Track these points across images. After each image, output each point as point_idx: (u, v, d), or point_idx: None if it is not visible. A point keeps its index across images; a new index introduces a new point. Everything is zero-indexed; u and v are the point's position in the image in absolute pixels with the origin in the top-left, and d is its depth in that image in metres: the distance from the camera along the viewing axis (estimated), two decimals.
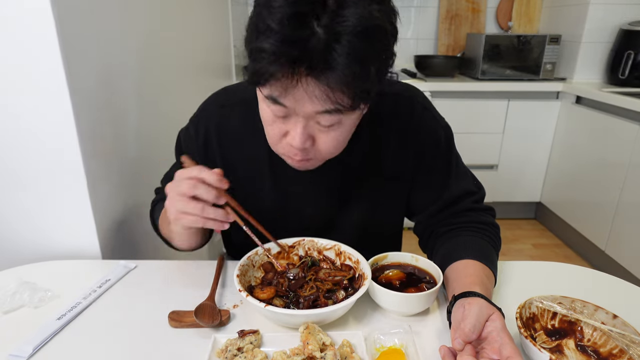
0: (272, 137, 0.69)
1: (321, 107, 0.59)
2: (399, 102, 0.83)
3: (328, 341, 0.63)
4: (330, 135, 0.66)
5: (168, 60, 1.38)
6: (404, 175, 0.86)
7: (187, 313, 0.71)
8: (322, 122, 0.63)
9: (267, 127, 0.68)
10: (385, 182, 0.86)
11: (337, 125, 0.65)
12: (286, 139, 0.66)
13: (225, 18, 2.27)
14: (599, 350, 0.63)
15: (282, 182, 0.84)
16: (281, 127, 0.66)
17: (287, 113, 0.63)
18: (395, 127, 0.83)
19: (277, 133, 0.67)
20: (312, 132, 0.65)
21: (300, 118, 0.62)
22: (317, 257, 0.82)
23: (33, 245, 0.92)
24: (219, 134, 0.83)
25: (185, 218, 0.66)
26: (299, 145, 0.64)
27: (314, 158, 0.70)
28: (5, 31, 0.76)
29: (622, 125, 2.15)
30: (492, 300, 0.65)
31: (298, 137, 0.64)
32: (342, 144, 0.70)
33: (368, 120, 0.78)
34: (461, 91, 2.61)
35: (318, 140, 0.66)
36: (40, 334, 0.66)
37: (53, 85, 0.80)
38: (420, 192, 0.88)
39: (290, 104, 0.60)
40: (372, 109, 0.77)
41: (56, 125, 0.82)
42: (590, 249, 2.44)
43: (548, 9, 2.97)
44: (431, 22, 3.11)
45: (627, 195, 2.13)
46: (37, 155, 0.85)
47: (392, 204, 0.90)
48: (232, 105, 0.84)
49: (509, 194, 2.86)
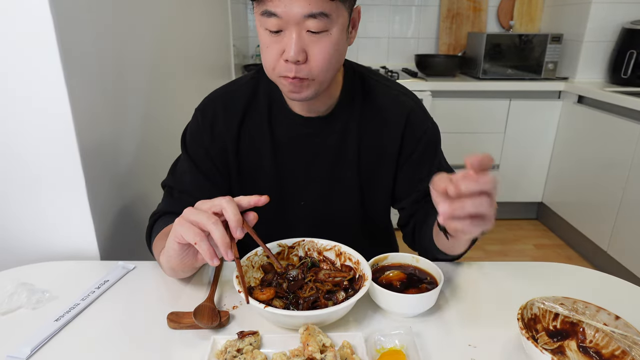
0: (270, 60, 0.75)
1: (307, 9, 0.68)
2: (390, 97, 0.91)
3: (328, 342, 0.62)
4: (320, 45, 0.73)
5: (168, 60, 1.38)
6: (389, 160, 0.92)
7: (186, 314, 0.70)
8: (312, 29, 0.70)
9: (265, 52, 0.75)
10: (375, 164, 0.92)
11: (325, 35, 0.72)
12: (282, 57, 0.73)
13: (225, 17, 2.27)
14: (601, 351, 0.62)
15: (282, 159, 0.90)
16: (277, 47, 0.73)
17: (280, 25, 0.70)
18: (386, 114, 0.90)
19: (275, 54, 0.74)
20: (305, 44, 0.72)
21: (292, 28, 0.70)
22: (317, 257, 0.82)
23: (31, 246, 0.92)
24: (225, 112, 0.89)
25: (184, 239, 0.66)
26: (293, 54, 0.71)
27: (308, 78, 0.75)
28: (3, 32, 0.76)
29: (624, 125, 2.14)
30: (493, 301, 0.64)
31: (292, 45, 0.71)
32: (333, 61, 0.76)
33: (360, 114, 0.89)
34: (462, 91, 2.60)
35: (310, 54, 0.73)
36: (38, 336, 0.66)
37: (51, 86, 0.79)
38: (404, 180, 0.93)
39: (281, 10, 0.69)
40: (365, 103, 0.90)
41: (55, 125, 0.82)
42: (593, 250, 2.43)
43: (550, 7, 2.96)
44: (432, 21, 3.11)
45: (629, 196, 2.12)
46: (35, 156, 0.84)
47: (381, 192, 0.95)
48: (235, 91, 0.91)
49: (511, 194, 2.85)
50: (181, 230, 0.65)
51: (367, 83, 0.91)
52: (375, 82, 0.92)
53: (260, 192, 0.87)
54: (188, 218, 0.65)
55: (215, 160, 0.90)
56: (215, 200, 0.66)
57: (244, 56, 2.89)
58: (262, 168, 0.91)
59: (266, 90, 0.89)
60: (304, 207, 0.94)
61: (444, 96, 2.57)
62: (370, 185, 0.94)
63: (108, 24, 0.97)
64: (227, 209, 0.64)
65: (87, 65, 0.88)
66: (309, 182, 0.92)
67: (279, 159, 0.90)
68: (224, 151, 0.90)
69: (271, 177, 0.91)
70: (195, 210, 0.66)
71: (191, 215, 0.65)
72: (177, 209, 0.83)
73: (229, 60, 2.38)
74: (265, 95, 0.89)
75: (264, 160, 0.90)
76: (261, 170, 0.91)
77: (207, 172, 0.89)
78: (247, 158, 0.91)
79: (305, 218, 0.94)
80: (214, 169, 0.90)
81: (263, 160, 0.90)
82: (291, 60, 0.72)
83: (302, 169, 0.91)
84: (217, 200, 0.65)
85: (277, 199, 0.92)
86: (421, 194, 0.91)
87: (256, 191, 0.88)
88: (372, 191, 0.94)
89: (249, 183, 0.92)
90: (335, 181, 0.92)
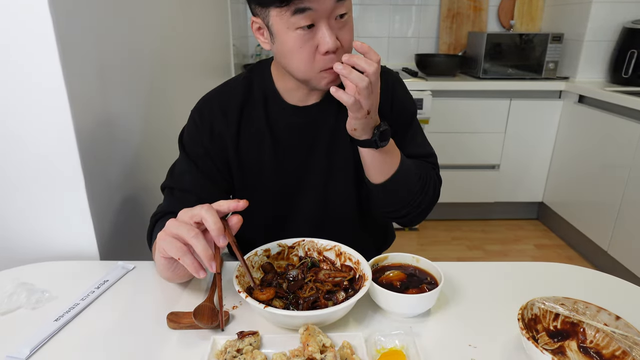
0: (305, 60, 0.77)
1: None
2: None
3: (328, 343, 0.62)
4: (346, 29, 0.77)
5: (167, 60, 1.37)
6: None
7: (185, 314, 0.70)
8: (341, 12, 0.75)
9: (297, 54, 0.76)
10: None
11: (347, 18, 0.77)
12: (319, 51, 0.76)
13: (225, 17, 2.27)
14: (602, 351, 0.62)
15: (281, 150, 0.91)
16: (310, 43, 0.75)
17: (313, 19, 0.73)
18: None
19: (309, 52, 0.76)
20: (335, 32, 0.75)
21: (324, 20, 0.73)
22: (317, 258, 0.81)
23: (30, 246, 0.91)
24: (222, 111, 0.90)
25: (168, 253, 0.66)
26: (332, 43, 0.74)
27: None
28: (2, 30, 0.76)
29: (625, 125, 2.14)
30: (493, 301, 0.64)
31: (328, 36, 0.74)
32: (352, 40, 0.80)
33: None
34: (462, 90, 2.60)
35: (341, 39, 0.77)
36: (38, 336, 0.66)
37: (51, 86, 0.79)
38: None
39: (315, 4, 0.71)
40: None
41: (54, 125, 0.82)
42: (593, 250, 2.43)
43: (550, 7, 2.95)
44: (432, 21, 3.10)
45: (630, 196, 2.11)
46: (35, 156, 0.84)
47: None
48: (229, 91, 0.92)
49: (511, 194, 2.85)
50: (164, 245, 0.65)
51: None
52: None
53: (262, 185, 0.93)
54: (170, 232, 0.65)
55: (215, 159, 0.90)
56: (195, 209, 0.65)
57: (243, 56, 2.89)
58: (262, 162, 0.92)
59: (260, 86, 0.91)
60: (305, 195, 0.95)
61: (444, 96, 2.57)
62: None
63: (109, 24, 0.97)
64: (207, 218, 0.64)
65: (87, 65, 0.87)
66: (310, 170, 0.93)
67: (279, 151, 0.91)
68: (223, 149, 0.90)
69: (272, 170, 0.92)
70: (177, 223, 0.65)
71: (173, 228, 0.65)
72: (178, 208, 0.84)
73: (229, 59, 2.38)
74: (260, 91, 0.90)
75: (265, 154, 0.91)
76: (262, 164, 0.92)
77: (206, 171, 0.90)
78: (248, 153, 0.91)
79: (305, 206, 0.96)
80: (213, 167, 0.90)
81: (264, 154, 0.91)
82: (332, 50, 0.75)
83: (302, 158, 0.92)
84: (196, 210, 0.65)
85: (279, 190, 0.94)
86: None
87: (258, 185, 0.93)
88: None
89: (250, 178, 0.93)
90: (333, 164, 0.93)
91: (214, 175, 0.91)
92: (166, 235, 0.66)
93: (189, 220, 0.65)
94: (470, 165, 2.74)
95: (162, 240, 0.66)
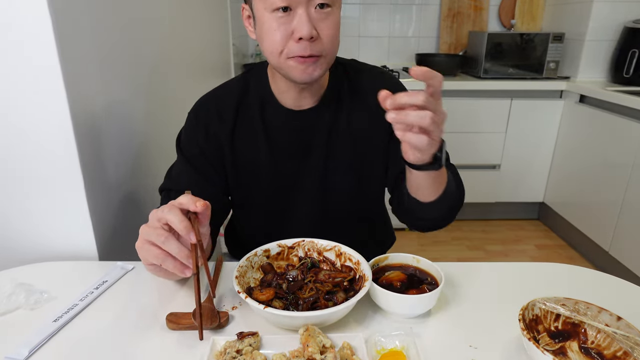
0: (278, 42, 0.75)
1: None
2: (374, 76, 0.95)
3: (328, 343, 0.62)
4: (328, 22, 0.76)
5: (167, 59, 1.37)
6: (380, 141, 0.92)
7: (185, 315, 0.70)
8: (317, 1, 0.73)
9: (271, 35, 0.75)
10: (367, 148, 0.93)
11: (331, 12, 0.76)
12: (292, 38, 0.74)
13: (224, 16, 2.27)
14: (603, 352, 0.62)
15: (277, 153, 0.91)
16: (285, 28, 0.74)
17: (289, 1, 0.72)
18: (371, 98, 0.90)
19: (283, 35, 0.74)
20: (314, 21, 0.74)
21: (302, 6, 0.73)
22: (316, 258, 0.81)
23: (29, 246, 0.91)
24: (218, 112, 0.90)
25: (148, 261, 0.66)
26: (307, 30, 0.72)
27: (321, 55, 0.77)
28: (2, 32, 0.75)
29: (626, 125, 2.13)
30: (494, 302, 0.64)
31: (305, 23, 0.72)
32: (338, 39, 0.80)
33: (347, 101, 0.91)
34: (463, 90, 2.59)
35: (320, 30, 0.75)
36: (37, 336, 0.66)
37: (50, 87, 0.79)
38: (392, 158, 0.93)
39: None
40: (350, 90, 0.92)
41: (53, 126, 0.82)
42: (594, 250, 2.43)
43: (551, 6, 2.95)
44: (433, 20, 3.10)
45: (631, 196, 2.11)
46: (34, 156, 0.84)
47: (374, 176, 0.96)
48: (225, 93, 0.92)
49: (512, 194, 2.84)
50: (143, 254, 0.65)
51: (351, 70, 0.94)
52: (357, 68, 0.95)
53: (259, 187, 0.93)
54: (144, 239, 0.64)
55: (210, 159, 0.90)
56: (158, 212, 0.65)
57: (243, 55, 2.88)
58: (259, 163, 0.91)
59: (257, 87, 0.90)
60: (302, 197, 0.95)
61: (445, 95, 2.54)
62: (364, 170, 0.94)
63: (108, 23, 0.97)
64: (171, 219, 0.63)
65: (87, 66, 0.87)
66: (305, 173, 0.93)
67: (275, 152, 0.91)
68: (219, 149, 0.90)
69: (268, 171, 0.92)
70: (147, 229, 0.65)
71: (145, 235, 0.64)
72: None
73: (229, 59, 2.38)
74: (256, 92, 0.90)
75: (261, 156, 0.91)
76: (258, 165, 0.92)
77: (202, 171, 0.90)
78: (243, 154, 0.91)
79: (303, 207, 0.95)
80: (210, 167, 0.90)
81: (259, 155, 0.91)
82: (305, 37, 0.73)
83: (297, 160, 0.92)
84: (159, 212, 0.64)
85: (275, 191, 0.94)
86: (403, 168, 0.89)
87: (253, 185, 0.93)
88: (365, 176, 0.95)
89: (246, 179, 0.93)
90: (330, 168, 0.93)
91: (210, 174, 0.91)
92: (142, 243, 0.65)
93: (157, 224, 0.64)
94: (470, 165, 2.74)
95: (140, 249, 0.65)
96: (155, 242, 0.63)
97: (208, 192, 0.88)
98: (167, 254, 0.63)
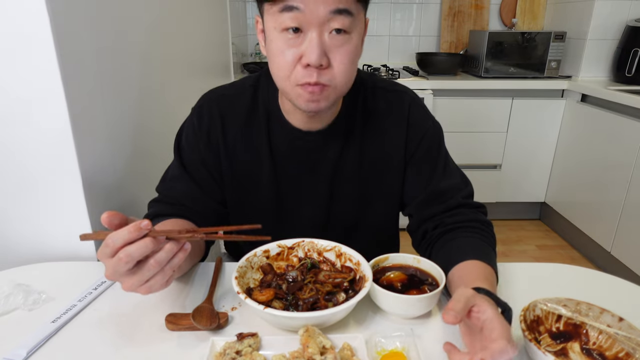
0: (285, 66, 0.69)
1: (334, 5, 0.64)
2: (390, 96, 0.89)
3: (328, 344, 0.61)
4: (342, 50, 0.69)
5: (166, 59, 1.37)
6: (395, 168, 0.89)
7: (184, 316, 0.70)
8: (337, 26, 0.66)
9: (279, 57, 0.69)
10: (378, 175, 0.89)
11: (348, 39, 0.69)
12: (300, 63, 0.68)
13: (224, 15, 2.27)
14: (605, 353, 0.61)
15: (280, 172, 0.87)
16: (294, 51, 0.68)
17: (300, 22, 0.66)
18: (386, 121, 0.88)
19: (291, 59, 0.68)
20: (327, 48, 0.68)
21: (314, 28, 0.66)
22: (317, 258, 0.81)
23: (27, 247, 0.91)
24: (222, 118, 0.86)
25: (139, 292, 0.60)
26: (316, 58, 0.66)
27: (330, 85, 0.70)
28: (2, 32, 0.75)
29: (628, 124, 2.12)
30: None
31: (314, 48, 0.66)
32: (353, 69, 0.72)
33: (360, 126, 0.87)
34: (464, 89, 2.59)
35: (332, 59, 0.69)
36: (35, 337, 0.65)
37: (49, 86, 0.79)
38: (410, 182, 0.90)
39: (305, 5, 0.64)
40: (365, 114, 0.87)
41: (52, 126, 0.82)
42: (596, 250, 2.42)
43: (553, 5, 2.94)
44: (433, 19, 3.10)
45: (633, 196, 2.10)
46: (32, 156, 0.84)
47: (385, 198, 0.92)
48: (232, 96, 0.88)
49: (513, 194, 2.84)
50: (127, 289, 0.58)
51: (366, 91, 0.88)
52: (373, 88, 0.89)
53: (259, 202, 0.89)
54: (116, 272, 0.56)
55: (209, 168, 0.87)
56: (109, 242, 0.56)
57: (242, 54, 2.88)
58: (260, 180, 0.88)
59: (264, 101, 0.86)
60: (303, 218, 0.92)
61: (446, 95, 2.56)
62: (373, 197, 0.91)
63: (108, 22, 0.96)
64: (129, 252, 0.55)
65: (86, 65, 0.87)
66: (308, 194, 0.90)
67: (278, 170, 0.87)
68: (219, 159, 0.87)
69: (270, 189, 0.89)
70: (111, 264, 0.56)
71: (113, 273, 0.56)
72: (168, 212, 0.82)
73: (228, 58, 2.38)
74: (264, 106, 0.86)
75: (263, 172, 0.88)
76: (259, 181, 0.88)
77: (199, 180, 0.87)
78: (245, 167, 0.88)
79: (303, 229, 0.90)
80: (208, 177, 0.87)
81: (262, 171, 0.88)
82: (314, 64, 0.67)
83: (301, 181, 0.89)
84: (110, 244, 0.56)
85: (276, 209, 0.91)
86: (427, 196, 0.88)
87: (253, 202, 0.90)
88: (374, 202, 0.92)
89: (245, 193, 0.89)
90: (334, 194, 0.89)
91: (207, 184, 0.88)
92: (118, 278, 0.57)
93: (116, 259, 0.55)
94: (471, 165, 2.73)
95: (122, 286, 0.59)
96: (128, 273, 0.57)
97: (202, 203, 0.86)
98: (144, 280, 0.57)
